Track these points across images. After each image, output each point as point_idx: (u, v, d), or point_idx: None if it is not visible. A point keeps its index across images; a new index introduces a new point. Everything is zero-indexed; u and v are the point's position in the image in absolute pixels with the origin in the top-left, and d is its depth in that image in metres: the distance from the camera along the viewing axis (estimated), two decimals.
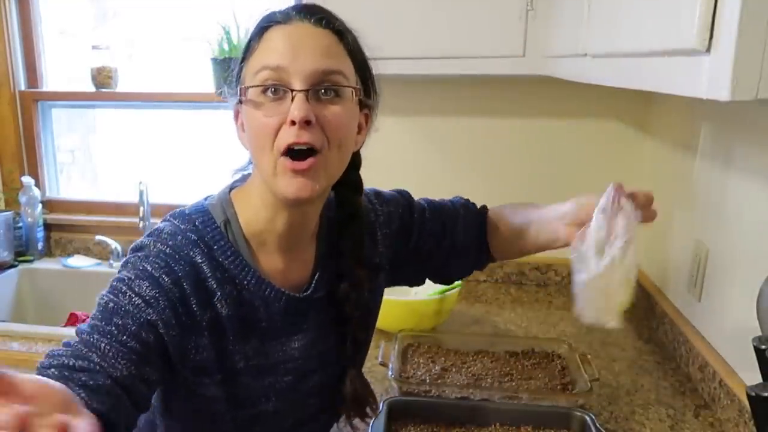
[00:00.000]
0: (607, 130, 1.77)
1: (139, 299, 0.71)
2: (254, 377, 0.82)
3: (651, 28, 0.68)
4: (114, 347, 0.68)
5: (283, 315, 0.83)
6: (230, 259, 0.78)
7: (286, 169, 0.73)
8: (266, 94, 0.73)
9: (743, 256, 1.12)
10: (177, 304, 0.73)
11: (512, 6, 1.42)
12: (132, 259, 0.76)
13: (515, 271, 1.87)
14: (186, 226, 0.78)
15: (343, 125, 0.75)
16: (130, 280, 0.72)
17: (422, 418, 1.13)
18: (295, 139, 0.71)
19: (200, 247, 0.77)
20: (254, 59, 0.75)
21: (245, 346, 0.81)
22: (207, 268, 0.76)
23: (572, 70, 1.13)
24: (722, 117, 1.24)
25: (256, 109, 0.74)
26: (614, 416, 1.16)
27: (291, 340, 0.85)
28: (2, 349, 1.52)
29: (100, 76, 2.02)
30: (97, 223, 2.10)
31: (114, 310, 0.70)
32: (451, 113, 1.82)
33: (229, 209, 0.81)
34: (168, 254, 0.75)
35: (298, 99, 0.71)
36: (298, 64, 0.72)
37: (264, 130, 0.73)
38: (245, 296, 0.80)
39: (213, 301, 0.77)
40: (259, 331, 0.82)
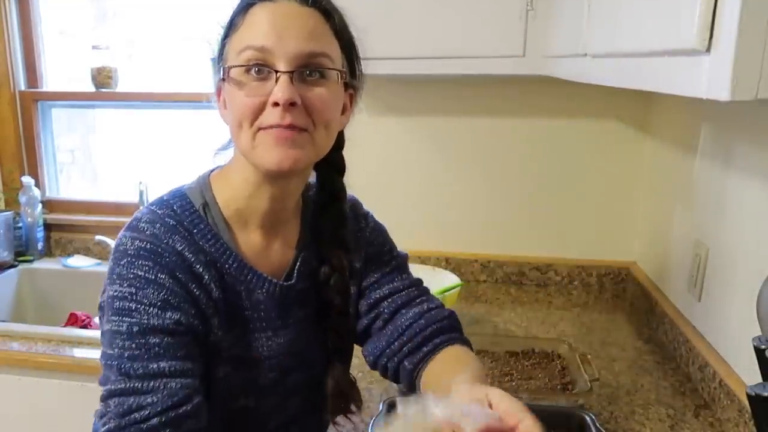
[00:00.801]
0: (607, 130, 1.77)
1: (154, 309, 0.70)
2: (234, 369, 0.79)
3: (651, 28, 0.68)
4: (171, 364, 0.69)
5: (266, 304, 0.81)
6: (211, 242, 0.77)
7: (269, 139, 0.72)
8: (249, 74, 0.72)
9: (743, 256, 1.12)
10: (185, 293, 0.73)
11: (512, 6, 1.42)
12: (118, 270, 0.72)
13: (515, 271, 1.87)
14: (164, 211, 0.77)
15: (328, 107, 0.75)
16: (133, 295, 0.70)
17: None
18: (279, 120, 0.71)
19: (180, 232, 0.75)
20: (238, 37, 0.74)
21: (228, 334, 0.78)
22: (189, 254, 0.75)
23: (572, 70, 1.13)
24: (722, 117, 1.24)
25: (239, 89, 0.73)
26: (614, 416, 1.16)
27: (277, 335, 0.83)
28: (2, 349, 1.52)
29: (100, 76, 2.02)
30: (97, 223, 2.10)
31: (141, 331, 0.69)
32: (451, 113, 1.82)
33: (208, 192, 0.80)
34: (150, 249, 0.73)
35: (282, 80, 0.70)
36: (283, 45, 0.71)
37: (246, 109, 0.72)
38: (228, 281, 0.78)
39: (203, 284, 0.75)
40: (242, 319, 0.80)
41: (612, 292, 1.82)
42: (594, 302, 1.75)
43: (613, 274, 1.82)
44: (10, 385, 1.52)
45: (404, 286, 0.93)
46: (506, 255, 1.87)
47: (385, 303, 0.91)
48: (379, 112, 1.84)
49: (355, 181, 0.90)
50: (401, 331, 0.87)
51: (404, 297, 0.91)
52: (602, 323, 1.60)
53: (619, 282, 1.82)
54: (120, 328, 0.69)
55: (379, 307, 0.91)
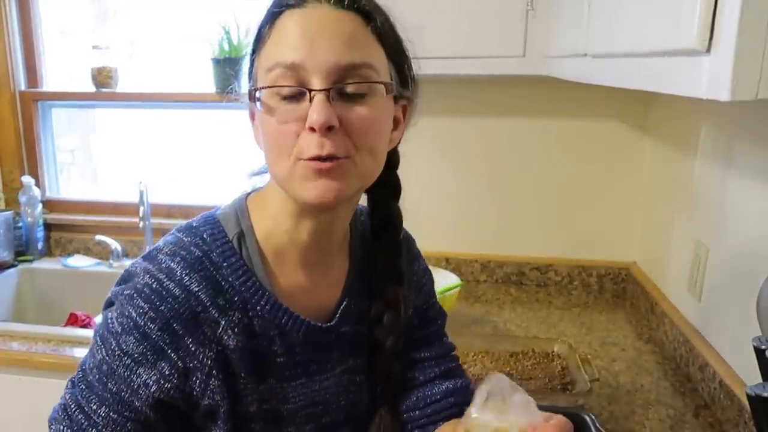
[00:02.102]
0: (607, 130, 1.77)
1: (128, 359, 0.64)
2: (268, 424, 0.70)
3: (651, 28, 0.68)
4: (112, 419, 0.64)
5: (302, 348, 0.71)
6: (241, 280, 0.67)
7: (307, 171, 0.62)
8: (280, 96, 0.62)
9: (743, 256, 1.12)
10: (169, 351, 0.64)
11: (512, 6, 1.42)
12: (121, 298, 0.66)
13: (515, 271, 1.87)
14: (190, 240, 0.68)
15: (372, 129, 0.64)
16: (117, 335, 0.64)
17: None
18: (318, 150, 0.60)
19: (204, 267, 0.66)
20: (266, 52, 0.64)
21: (259, 386, 0.69)
22: (205, 296, 0.65)
23: (572, 70, 1.13)
24: (722, 117, 1.24)
25: (270, 115, 0.63)
26: (614, 416, 1.16)
27: (313, 381, 0.73)
28: (2, 349, 1.52)
29: (100, 76, 2.02)
30: (97, 223, 2.10)
31: (108, 372, 0.65)
32: (451, 113, 1.82)
33: (245, 220, 0.70)
34: (153, 289, 0.64)
35: (317, 101, 0.60)
36: (316, 58, 0.61)
37: (280, 138, 0.63)
38: (258, 325, 0.68)
39: (217, 334, 0.66)
40: (276, 368, 0.70)
41: (612, 292, 1.82)
42: (594, 302, 1.75)
43: (613, 274, 1.82)
44: (10, 385, 1.52)
45: (444, 353, 0.87)
46: (506, 255, 1.87)
47: (422, 366, 0.84)
48: None
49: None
50: (428, 402, 0.82)
51: (442, 367, 0.85)
52: (602, 323, 1.61)
53: (619, 282, 1.82)
54: (96, 354, 0.66)
55: (414, 369, 0.84)
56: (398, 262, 0.79)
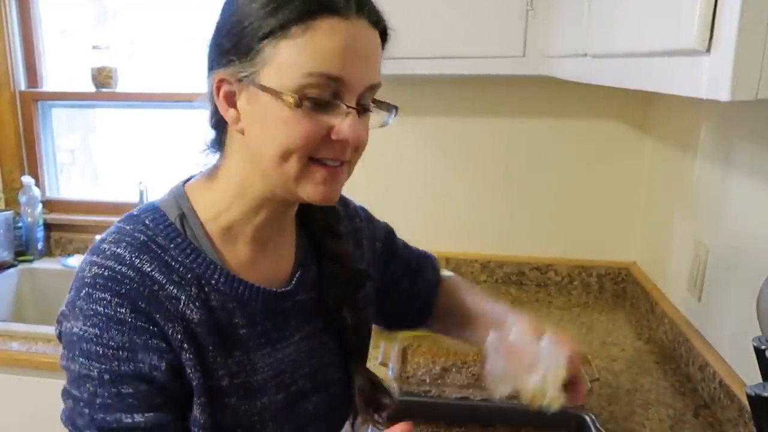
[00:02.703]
0: (607, 130, 1.77)
1: (123, 352, 0.63)
2: (242, 398, 0.71)
3: (651, 28, 0.68)
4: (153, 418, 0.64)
5: (262, 317, 0.73)
6: (191, 258, 0.68)
7: (319, 174, 0.66)
8: (311, 101, 0.63)
9: (743, 256, 1.12)
10: (150, 326, 0.64)
11: (512, 6, 1.42)
12: (78, 303, 0.64)
13: (515, 271, 1.87)
14: (133, 227, 0.68)
15: (367, 141, 0.69)
16: (98, 337, 0.63)
17: (422, 418, 1.13)
18: (339, 156, 0.66)
19: (151, 249, 0.67)
20: (297, 51, 0.62)
21: (227, 360, 0.70)
22: (159, 274, 0.66)
23: (572, 70, 1.13)
24: (722, 117, 1.24)
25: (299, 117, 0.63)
26: (614, 416, 1.16)
27: (276, 350, 0.74)
28: (2, 349, 1.52)
29: (100, 76, 2.02)
30: (97, 223, 2.10)
31: (115, 379, 0.63)
32: (451, 113, 1.82)
33: (185, 203, 0.72)
34: (106, 277, 0.64)
35: (354, 118, 0.64)
36: (356, 76, 0.64)
37: (304, 141, 0.64)
38: (215, 299, 0.69)
39: (180, 309, 0.66)
40: (240, 339, 0.71)
41: (612, 292, 1.82)
42: (594, 302, 1.75)
43: (613, 274, 1.82)
44: (10, 385, 1.52)
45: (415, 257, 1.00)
46: (506, 255, 1.87)
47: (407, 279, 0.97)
48: None
49: (355, 181, 0.88)
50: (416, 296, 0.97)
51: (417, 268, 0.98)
52: (602, 323, 1.60)
53: (619, 282, 1.82)
54: (90, 373, 0.63)
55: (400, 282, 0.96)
56: (330, 219, 0.83)
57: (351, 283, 0.82)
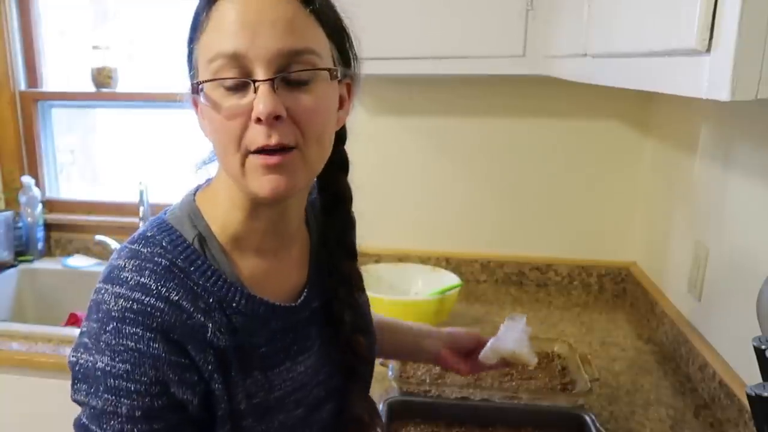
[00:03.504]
0: (607, 130, 1.77)
1: (155, 387, 0.60)
2: (259, 418, 0.69)
3: (651, 28, 0.68)
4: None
5: (282, 334, 0.71)
6: (212, 281, 0.66)
7: (257, 166, 0.62)
8: (224, 88, 0.61)
9: (743, 256, 1.12)
10: (183, 360, 0.62)
11: (512, 6, 1.42)
12: (105, 338, 0.60)
13: (515, 271, 1.87)
14: (150, 250, 0.64)
15: (318, 117, 0.64)
16: (129, 373, 0.60)
17: (422, 418, 1.13)
18: (265, 141, 0.60)
19: (174, 275, 0.63)
20: (205, 41, 0.62)
21: (246, 381, 0.67)
22: (186, 303, 0.63)
23: (572, 70, 1.13)
24: (722, 117, 1.24)
25: (215, 109, 0.62)
26: (614, 416, 1.16)
27: (296, 364, 0.72)
28: (2, 349, 1.52)
29: (100, 76, 2.02)
30: (97, 223, 2.10)
31: (146, 416, 0.60)
32: (451, 113, 1.82)
33: (200, 222, 0.69)
34: (137, 311, 0.60)
35: (262, 91, 0.59)
36: (258, 46, 0.59)
37: (228, 133, 0.62)
38: (237, 321, 0.67)
39: (208, 338, 0.64)
40: (258, 359, 0.69)
41: (612, 292, 1.82)
42: (594, 302, 1.75)
43: (613, 274, 1.82)
44: (10, 385, 1.52)
45: None
46: (506, 255, 1.87)
47: None
48: (379, 112, 1.84)
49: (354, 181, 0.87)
50: None
51: None
52: (602, 323, 1.61)
53: (619, 282, 1.82)
54: (118, 410, 0.60)
55: None
56: (350, 237, 0.79)
57: (352, 305, 0.79)
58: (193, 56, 0.65)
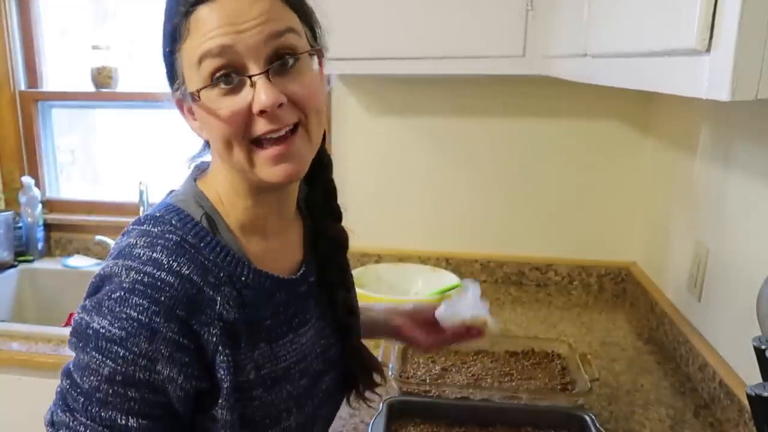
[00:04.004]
0: (607, 130, 1.77)
1: (144, 360, 0.61)
2: (268, 389, 0.71)
3: (651, 28, 0.68)
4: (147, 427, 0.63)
5: (285, 306, 0.74)
6: (221, 256, 0.68)
7: (266, 158, 0.65)
8: (218, 87, 0.63)
9: (743, 256, 1.12)
10: (180, 339, 0.63)
11: (512, 6, 1.42)
12: (109, 304, 0.62)
13: (515, 271, 1.87)
14: (161, 228, 0.67)
15: (314, 93, 0.67)
16: (123, 340, 0.61)
17: (422, 418, 1.13)
18: (270, 126, 0.63)
19: (186, 250, 0.66)
20: (188, 47, 0.64)
21: (254, 353, 0.70)
22: (197, 277, 0.65)
23: (572, 70, 1.13)
24: (722, 117, 1.24)
25: (214, 114, 0.64)
26: (614, 416, 1.16)
27: (298, 336, 0.75)
28: (2, 349, 1.52)
29: (100, 76, 2.02)
30: (97, 223, 2.10)
31: (125, 381, 0.62)
32: (451, 113, 1.82)
33: (205, 202, 0.71)
34: (146, 284, 0.62)
35: (261, 84, 0.62)
36: (244, 38, 0.62)
37: (229, 131, 0.64)
38: (246, 295, 0.69)
39: (217, 311, 0.66)
40: (264, 331, 0.72)
41: (612, 292, 1.82)
42: (594, 302, 1.75)
43: (613, 274, 1.82)
44: (10, 385, 1.52)
45: None
46: (506, 255, 1.87)
47: None
48: (379, 112, 1.84)
49: (355, 181, 0.88)
50: None
51: None
52: (602, 323, 1.61)
53: (619, 282, 1.82)
54: (100, 369, 0.62)
55: None
56: (333, 201, 0.83)
57: (343, 266, 0.84)
58: (175, 65, 0.68)
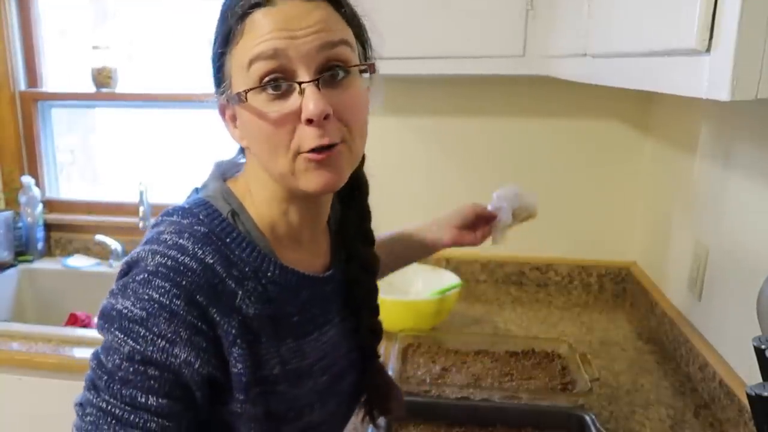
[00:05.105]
0: (607, 130, 1.77)
1: (162, 341, 0.63)
2: (292, 384, 0.72)
3: (651, 28, 0.68)
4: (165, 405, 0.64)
5: (311, 304, 0.75)
6: (247, 251, 0.68)
7: (307, 164, 0.65)
8: (267, 92, 0.63)
9: (743, 256, 1.12)
10: (199, 323, 0.64)
11: (512, 6, 1.42)
12: (133, 286, 0.64)
13: (515, 271, 1.87)
14: (190, 220, 0.68)
15: (360, 110, 0.68)
16: (143, 320, 0.62)
17: (422, 418, 1.13)
18: (318, 141, 0.63)
19: (212, 241, 0.66)
20: (240, 49, 0.64)
21: (280, 349, 0.71)
22: (221, 268, 0.66)
23: (572, 70, 1.13)
24: (722, 117, 1.24)
25: (261, 118, 0.64)
26: (614, 416, 1.16)
27: (322, 333, 0.77)
28: (2, 349, 1.52)
29: (100, 76, 2.02)
30: (97, 223, 2.10)
31: (143, 360, 0.63)
32: (451, 113, 1.82)
33: (233, 200, 0.72)
34: (170, 267, 0.64)
35: (310, 92, 0.62)
36: (298, 45, 0.62)
37: (276, 138, 0.64)
38: (272, 290, 0.70)
39: (236, 304, 0.66)
40: (292, 327, 0.73)
41: (612, 292, 1.82)
42: (594, 302, 1.75)
43: (613, 274, 1.82)
44: (10, 385, 1.52)
45: None
46: (506, 255, 1.87)
47: None
48: (379, 112, 1.84)
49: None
50: None
51: None
52: (602, 323, 1.61)
53: (619, 282, 1.82)
54: (121, 348, 0.63)
55: None
56: (367, 224, 0.84)
57: (372, 290, 0.85)
58: (224, 68, 0.68)
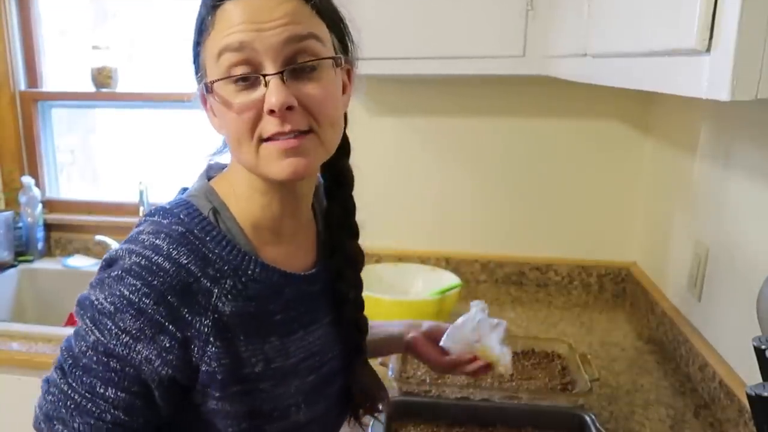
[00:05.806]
0: (607, 130, 1.77)
1: (126, 337, 0.64)
2: (277, 383, 0.73)
3: (651, 28, 0.68)
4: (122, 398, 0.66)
5: (295, 303, 0.75)
6: (227, 250, 0.69)
7: (273, 151, 0.65)
8: (234, 84, 0.65)
9: (743, 256, 1.12)
10: (166, 323, 0.65)
11: (512, 6, 1.42)
12: (108, 281, 0.66)
13: (515, 271, 1.87)
14: (169, 220, 0.69)
15: (329, 102, 0.67)
16: (111, 314, 0.64)
17: (422, 418, 1.13)
18: (279, 128, 0.64)
19: (189, 241, 0.67)
20: (211, 40, 0.66)
21: (263, 346, 0.71)
22: (195, 267, 0.66)
23: (572, 70, 1.13)
24: (722, 117, 1.24)
25: (227, 107, 0.66)
26: (614, 416, 1.16)
27: (308, 333, 0.77)
28: (2, 349, 1.52)
29: (100, 76, 2.02)
30: (97, 223, 2.10)
31: (106, 352, 0.65)
32: (451, 113, 1.82)
33: (215, 198, 0.73)
34: (142, 266, 0.64)
35: (273, 85, 0.63)
36: (264, 38, 0.63)
37: (241, 126, 0.65)
38: (252, 288, 0.70)
39: (212, 302, 0.66)
40: (275, 326, 0.73)
41: (612, 292, 1.82)
42: (594, 302, 1.75)
43: (613, 274, 1.82)
44: (10, 385, 1.52)
45: None
46: (506, 255, 1.87)
47: None
48: (379, 112, 1.84)
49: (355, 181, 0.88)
50: None
51: None
52: (602, 323, 1.61)
53: (619, 282, 1.82)
54: (88, 337, 0.66)
55: None
56: (352, 218, 0.83)
57: (356, 284, 0.84)
58: (200, 58, 0.70)
